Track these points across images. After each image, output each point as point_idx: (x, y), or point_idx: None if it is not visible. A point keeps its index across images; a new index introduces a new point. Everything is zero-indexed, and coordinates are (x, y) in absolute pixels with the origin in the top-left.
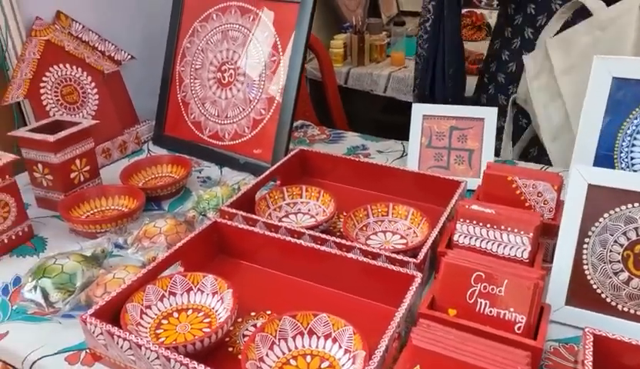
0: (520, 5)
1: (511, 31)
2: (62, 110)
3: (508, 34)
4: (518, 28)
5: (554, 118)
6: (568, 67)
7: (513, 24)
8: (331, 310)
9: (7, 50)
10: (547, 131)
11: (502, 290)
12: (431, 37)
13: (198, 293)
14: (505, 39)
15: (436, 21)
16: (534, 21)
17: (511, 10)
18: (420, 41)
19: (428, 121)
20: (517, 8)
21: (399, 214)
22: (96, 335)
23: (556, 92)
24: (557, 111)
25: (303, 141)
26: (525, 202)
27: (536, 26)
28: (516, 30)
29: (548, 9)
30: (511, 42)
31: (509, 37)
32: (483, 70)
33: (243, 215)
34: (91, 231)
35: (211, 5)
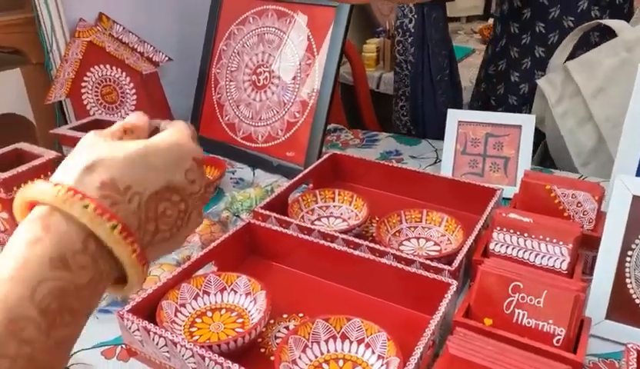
0: (526, 25)
1: (518, 51)
2: (102, 109)
3: (515, 55)
4: (526, 47)
5: (584, 142)
6: (595, 90)
7: (521, 44)
8: (363, 315)
9: (51, 51)
10: (577, 155)
11: (541, 302)
12: (416, 39)
13: (231, 293)
14: (513, 60)
15: (419, 19)
16: (545, 39)
17: (515, 29)
18: (400, 47)
19: (463, 127)
20: (522, 28)
21: (433, 220)
22: (132, 331)
23: (584, 117)
24: (587, 136)
25: (336, 146)
26: (564, 212)
27: (547, 45)
28: (525, 50)
29: (560, 26)
30: (520, 63)
31: (517, 57)
32: (484, 92)
33: (276, 217)
34: None
35: (248, 9)
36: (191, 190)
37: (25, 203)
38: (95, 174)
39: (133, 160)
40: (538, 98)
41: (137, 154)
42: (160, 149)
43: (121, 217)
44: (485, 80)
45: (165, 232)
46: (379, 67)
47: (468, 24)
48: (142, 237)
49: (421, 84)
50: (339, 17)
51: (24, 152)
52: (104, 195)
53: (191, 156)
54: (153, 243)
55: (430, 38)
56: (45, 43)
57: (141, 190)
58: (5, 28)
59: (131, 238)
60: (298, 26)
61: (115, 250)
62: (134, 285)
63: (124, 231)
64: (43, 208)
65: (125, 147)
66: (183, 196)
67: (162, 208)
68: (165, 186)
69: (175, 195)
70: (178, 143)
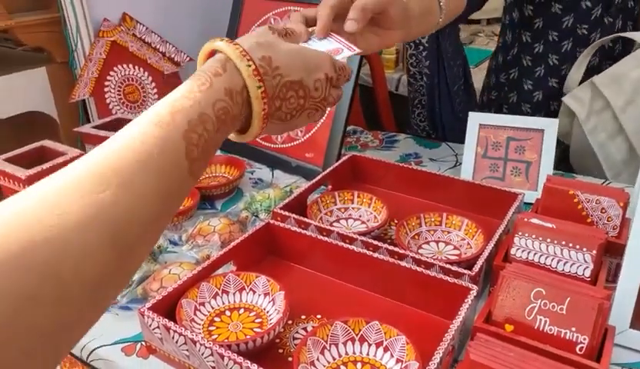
0: (539, 34)
1: (531, 59)
2: (124, 108)
3: (527, 63)
4: (539, 55)
5: (615, 155)
6: (624, 104)
7: (533, 53)
8: (381, 318)
9: (76, 50)
10: (609, 168)
11: (564, 309)
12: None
13: (250, 293)
14: (525, 68)
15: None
16: (558, 47)
17: (527, 38)
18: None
19: (484, 130)
20: (535, 37)
21: (453, 224)
22: (152, 328)
23: (614, 130)
24: (618, 148)
25: (354, 147)
26: (587, 218)
27: (561, 52)
28: (538, 58)
29: (574, 34)
30: (533, 71)
31: (530, 66)
32: (495, 99)
33: (295, 218)
34: None
35: (269, 10)
36: (313, 94)
37: (207, 52)
38: (261, 49)
39: (289, 53)
40: (563, 115)
41: (293, 50)
42: (307, 56)
43: (265, 84)
44: (496, 87)
45: (282, 113)
46: (398, 69)
47: (489, 26)
48: (269, 106)
49: (437, 93)
50: None
51: (48, 149)
52: (261, 65)
53: (324, 71)
54: (273, 115)
55: (445, 50)
56: (70, 42)
57: (284, 74)
58: (31, 27)
59: (266, 99)
60: None
61: (253, 102)
62: (253, 134)
63: (264, 93)
64: (223, 56)
65: (290, 45)
66: (306, 95)
67: (289, 95)
68: (298, 80)
69: (301, 91)
70: (320, 59)
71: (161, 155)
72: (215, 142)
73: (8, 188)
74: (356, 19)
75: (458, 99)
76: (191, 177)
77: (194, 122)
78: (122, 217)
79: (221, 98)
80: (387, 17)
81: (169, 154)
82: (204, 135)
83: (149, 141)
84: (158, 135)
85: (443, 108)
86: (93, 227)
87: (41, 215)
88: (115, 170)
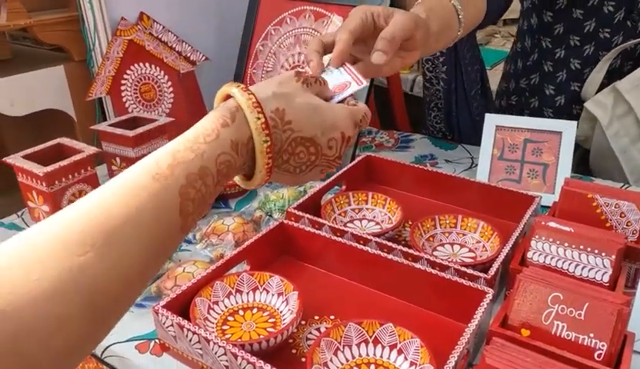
0: (559, 39)
1: (552, 65)
2: (140, 107)
3: (549, 69)
4: (561, 61)
5: (638, 159)
6: None
7: (555, 59)
8: (395, 320)
9: (93, 48)
10: (630, 173)
11: (582, 314)
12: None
13: (263, 292)
14: (547, 73)
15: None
16: (580, 52)
17: (547, 44)
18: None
19: (500, 132)
20: (555, 42)
21: (468, 226)
22: (166, 326)
23: (637, 135)
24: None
25: (369, 147)
26: (606, 222)
27: (583, 56)
28: (560, 63)
29: (596, 38)
30: (555, 76)
31: (551, 71)
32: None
33: (309, 218)
34: None
35: (285, 9)
36: (325, 152)
37: (223, 96)
38: (277, 100)
39: (305, 109)
40: (585, 120)
41: (310, 105)
42: (324, 114)
43: (273, 138)
44: (517, 92)
45: (289, 166)
46: (413, 70)
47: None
48: (276, 161)
49: (454, 98)
50: None
51: (65, 147)
52: (272, 117)
53: (340, 131)
54: (280, 168)
55: (462, 56)
56: (88, 41)
57: (295, 129)
58: (49, 26)
59: (270, 154)
60: (333, 26)
61: (257, 155)
62: (256, 184)
63: (270, 148)
64: (234, 104)
65: (307, 96)
66: (317, 152)
67: (298, 150)
68: (310, 137)
69: (312, 148)
70: (338, 117)
71: (154, 211)
72: (213, 195)
73: (25, 185)
74: (385, 51)
75: (475, 103)
76: (182, 234)
77: (193, 177)
78: (102, 279)
79: (226, 151)
80: (412, 41)
81: (162, 211)
82: (201, 190)
83: (142, 196)
84: (152, 190)
85: (460, 112)
86: (69, 296)
87: (16, 280)
88: (101, 227)
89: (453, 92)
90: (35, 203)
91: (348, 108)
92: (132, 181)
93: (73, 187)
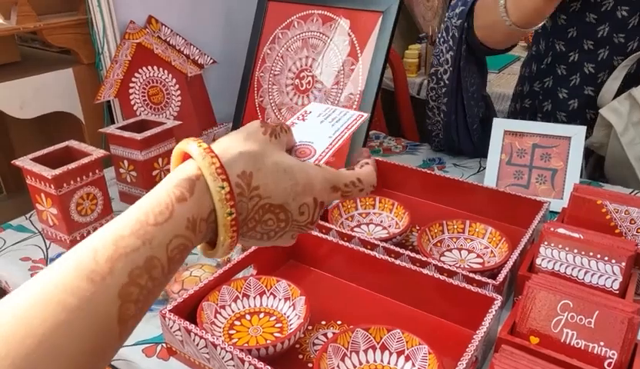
0: (573, 43)
1: (566, 68)
2: (148, 110)
3: (562, 72)
4: (575, 64)
5: None
6: None
7: (568, 62)
8: (403, 326)
9: (102, 52)
10: None
11: (592, 322)
12: (450, 91)
13: (270, 297)
14: (560, 77)
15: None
16: (594, 56)
17: (561, 47)
18: (433, 94)
19: (509, 137)
20: (569, 46)
21: (476, 232)
22: (174, 331)
23: None
24: None
25: (377, 152)
26: (615, 229)
27: (597, 61)
28: (573, 67)
29: (610, 43)
30: (568, 80)
31: (565, 74)
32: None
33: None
34: None
35: (293, 13)
36: (297, 218)
37: (183, 153)
38: (243, 161)
39: (275, 171)
40: (600, 126)
41: (280, 167)
42: (296, 175)
43: (238, 207)
44: (530, 95)
45: (257, 233)
46: (420, 73)
47: None
48: (240, 228)
49: (456, 130)
50: (385, 23)
51: (73, 149)
52: (238, 184)
53: (313, 195)
54: (245, 235)
55: (465, 89)
56: (97, 44)
57: (263, 196)
58: (59, 29)
59: (235, 228)
60: (343, 31)
61: (220, 229)
62: (217, 256)
63: (234, 221)
64: (194, 171)
65: (276, 154)
66: (288, 219)
67: (266, 218)
68: (280, 204)
69: (282, 214)
70: (312, 180)
71: (86, 320)
72: (161, 287)
73: (34, 187)
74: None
75: (476, 135)
76: (119, 342)
77: (137, 272)
78: None
79: (181, 233)
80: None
81: (97, 320)
82: (147, 286)
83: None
84: (85, 295)
85: (462, 142)
86: None
87: None
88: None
89: (453, 124)
90: (43, 205)
91: (324, 170)
92: (63, 283)
93: (81, 189)
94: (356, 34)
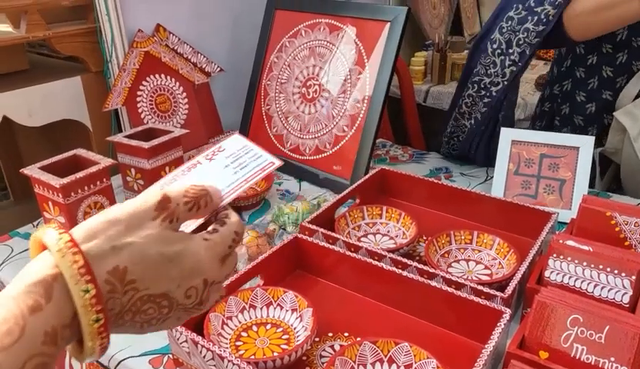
0: (592, 46)
1: (584, 71)
2: (155, 118)
3: (581, 75)
4: (593, 68)
5: None
6: None
7: (587, 65)
8: (410, 338)
9: (110, 60)
10: None
11: (602, 337)
12: (495, 103)
13: (277, 308)
14: (578, 80)
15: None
16: (612, 59)
17: (581, 50)
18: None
19: (516, 146)
20: (588, 49)
21: (484, 243)
22: (180, 342)
23: None
24: None
25: (384, 160)
26: (625, 241)
27: (616, 64)
28: (591, 70)
29: (629, 46)
30: (586, 83)
31: (583, 77)
32: (549, 111)
33: (323, 232)
34: None
35: (300, 22)
36: (182, 302)
37: (38, 244)
38: (116, 255)
39: (159, 262)
40: (615, 130)
41: (166, 259)
42: (184, 261)
43: (109, 307)
44: (550, 99)
45: (136, 323)
46: (427, 80)
47: None
48: (115, 322)
49: (479, 139)
50: (392, 33)
51: (81, 158)
52: (108, 281)
53: (203, 277)
54: (121, 325)
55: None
56: (105, 52)
57: (141, 288)
58: (68, 37)
59: (105, 334)
60: (350, 40)
61: (85, 336)
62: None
63: (103, 328)
64: (51, 270)
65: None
66: (171, 305)
67: (146, 308)
68: (162, 293)
69: (165, 302)
70: (203, 265)
71: None
72: None
73: (42, 196)
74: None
75: (493, 146)
76: None
77: None
78: None
79: (37, 352)
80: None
81: None
82: None
83: None
84: None
85: (478, 152)
86: None
87: None
88: None
89: (480, 133)
90: (50, 214)
91: (214, 245)
92: None
93: (88, 198)
94: (363, 43)
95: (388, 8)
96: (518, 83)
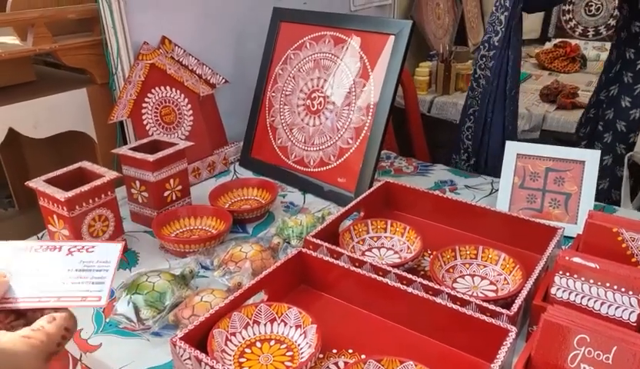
0: None
1: (632, 76)
2: (160, 130)
3: (628, 80)
4: None
5: None
6: None
7: (635, 70)
8: (415, 356)
9: (116, 72)
10: None
11: (610, 358)
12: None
13: (281, 324)
14: (625, 85)
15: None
16: None
17: (630, 55)
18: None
19: (522, 160)
20: (638, 53)
21: (489, 258)
22: (184, 359)
23: None
24: None
25: (388, 172)
26: (632, 257)
27: None
28: (638, 76)
29: None
30: (633, 88)
31: (630, 82)
32: (593, 117)
33: (328, 247)
34: (181, 250)
35: (305, 34)
36: None
37: None
38: None
39: None
40: None
41: None
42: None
43: None
44: (595, 105)
45: None
46: (431, 91)
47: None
48: None
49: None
50: (397, 46)
51: (86, 171)
52: None
53: None
54: None
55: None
56: (111, 65)
57: None
58: (74, 49)
59: None
60: (354, 53)
61: None
62: None
63: None
64: None
65: None
66: None
67: None
68: None
69: None
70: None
71: None
72: None
73: (47, 209)
74: None
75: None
76: None
77: None
78: None
79: None
80: None
81: None
82: None
83: None
84: None
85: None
86: None
87: None
88: None
89: (494, 91)
90: (55, 227)
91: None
92: None
93: (93, 212)
94: (367, 55)
95: (392, 21)
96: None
